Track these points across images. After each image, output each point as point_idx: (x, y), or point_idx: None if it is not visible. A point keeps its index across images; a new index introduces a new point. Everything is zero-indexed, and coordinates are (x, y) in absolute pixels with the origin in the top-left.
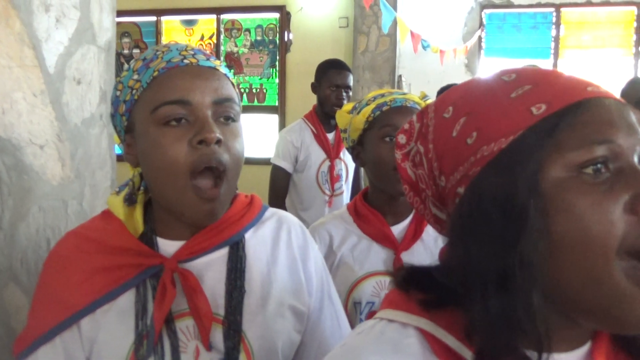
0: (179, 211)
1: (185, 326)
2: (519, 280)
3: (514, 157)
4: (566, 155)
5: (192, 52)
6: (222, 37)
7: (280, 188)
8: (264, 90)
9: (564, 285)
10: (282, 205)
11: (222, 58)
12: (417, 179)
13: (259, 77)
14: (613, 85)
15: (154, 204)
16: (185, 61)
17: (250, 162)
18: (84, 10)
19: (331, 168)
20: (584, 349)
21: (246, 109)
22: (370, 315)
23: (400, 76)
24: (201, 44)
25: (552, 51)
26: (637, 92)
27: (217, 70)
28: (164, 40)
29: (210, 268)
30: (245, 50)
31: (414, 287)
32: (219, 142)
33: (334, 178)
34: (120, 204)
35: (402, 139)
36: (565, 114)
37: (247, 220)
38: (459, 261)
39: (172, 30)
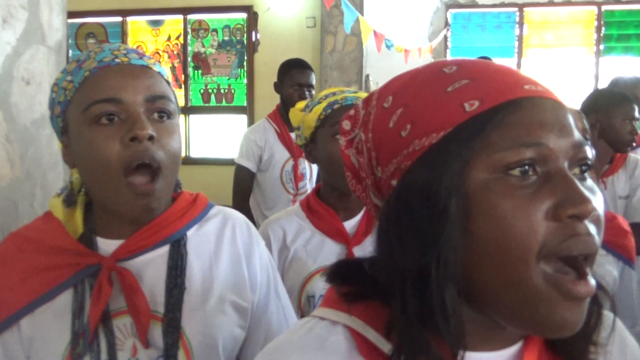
0: (115, 209)
1: (123, 324)
2: (435, 279)
3: (442, 153)
4: (493, 156)
5: (125, 52)
6: (189, 37)
7: (244, 187)
8: (232, 91)
9: (483, 286)
10: (246, 205)
11: (189, 59)
12: (359, 166)
13: (227, 78)
14: (576, 82)
15: (94, 204)
16: (117, 60)
17: (219, 162)
18: (32, 10)
19: (295, 167)
20: (515, 348)
21: (214, 110)
22: None
23: (367, 75)
24: (168, 45)
25: (516, 50)
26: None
27: (150, 68)
28: (130, 41)
29: (151, 266)
30: (213, 51)
31: (343, 280)
32: (152, 138)
33: (297, 177)
34: (59, 206)
35: (346, 125)
36: (497, 112)
37: (189, 218)
38: (383, 255)
39: (139, 30)
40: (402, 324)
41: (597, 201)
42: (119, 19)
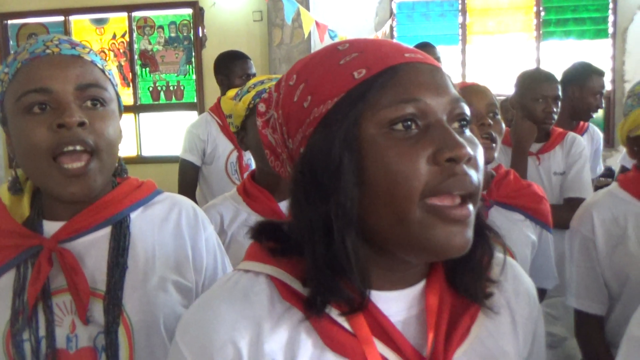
0: (50, 191)
1: (62, 302)
2: (336, 226)
3: (336, 116)
4: (379, 114)
5: (57, 42)
6: (135, 35)
7: (189, 181)
8: (182, 87)
9: (379, 226)
10: (192, 198)
11: (136, 57)
12: (275, 143)
13: (176, 75)
14: (518, 67)
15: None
16: (47, 51)
17: (171, 160)
18: None
19: (239, 158)
20: (418, 287)
21: (164, 107)
22: None
23: None
24: (114, 43)
25: (460, 37)
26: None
27: (81, 57)
28: None
29: (93, 246)
30: (160, 48)
31: (266, 238)
32: (82, 124)
33: (243, 168)
34: (5, 193)
35: (262, 107)
36: (381, 76)
37: (132, 200)
38: (294, 212)
39: (82, 30)
40: (314, 271)
41: (477, 151)
42: (61, 18)
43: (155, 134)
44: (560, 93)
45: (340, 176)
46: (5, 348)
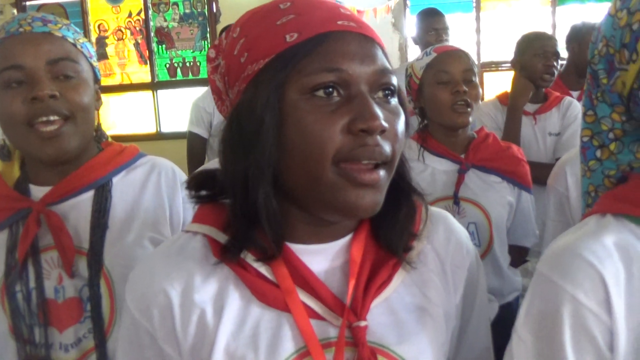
0: (30, 154)
1: (50, 257)
2: (251, 180)
3: (264, 76)
4: (302, 80)
5: (29, 21)
6: (150, 12)
7: (197, 153)
8: (198, 63)
9: (295, 185)
10: None
11: (152, 34)
12: (221, 90)
13: (192, 51)
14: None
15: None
16: (20, 29)
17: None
18: None
19: None
20: (344, 240)
21: (181, 84)
22: None
23: None
24: (130, 21)
25: (474, 4)
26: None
27: (51, 34)
28: (91, 19)
29: (78, 208)
30: (175, 24)
31: (198, 187)
32: (54, 97)
33: None
34: None
35: (212, 53)
36: (310, 43)
37: (114, 165)
38: (222, 163)
39: (98, 9)
40: (232, 219)
41: (397, 122)
42: None
43: (173, 111)
44: (558, 50)
45: (260, 135)
46: (1, 299)
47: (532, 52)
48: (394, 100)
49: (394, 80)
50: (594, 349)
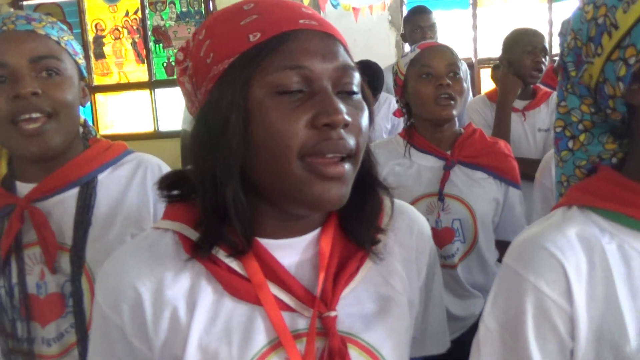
0: (14, 151)
1: (33, 253)
2: (219, 177)
3: (229, 76)
4: (266, 78)
5: (13, 19)
6: (147, 11)
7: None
8: None
9: (262, 180)
10: None
11: (149, 33)
12: (190, 91)
13: None
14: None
15: None
16: (4, 28)
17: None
18: None
19: None
20: (313, 234)
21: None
22: None
23: None
24: (127, 20)
25: (471, 1)
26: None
27: (34, 32)
28: (88, 19)
29: (62, 205)
30: (172, 23)
31: (170, 187)
32: (36, 94)
33: None
34: None
35: (180, 55)
36: (273, 41)
37: (100, 162)
38: (192, 162)
39: (95, 8)
40: (203, 216)
41: (360, 116)
42: None
43: (171, 109)
44: (546, 46)
45: (227, 134)
46: None
47: (520, 48)
48: (357, 96)
49: (356, 76)
50: (556, 337)
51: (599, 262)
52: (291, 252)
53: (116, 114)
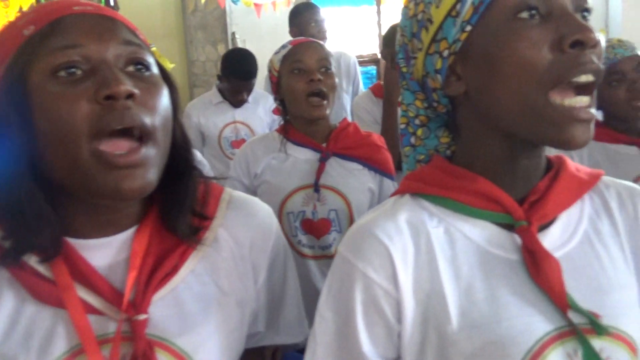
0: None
1: None
2: (11, 180)
3: (8, 71)
4: (42, 62)
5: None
6: None
7: None
8: None
9: (55, 173)
10: None
11: None
12: None
13: None
14: None
15: None
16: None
17: None
18: None
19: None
20: (128, 232)
21: None
22: None
23: (233, 33)
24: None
25: None
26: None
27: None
28: None
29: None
30: None
31: None
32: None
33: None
34: None
35: None
36: (47, 28)
37: None
38: None
39: None
40: (5, 223)
41: (154, 91)
42: None
43: None
44: None
45: (9, 129)
46: None
47: None
48: (149, 73)
49: (144, 53)
50: (383, 321)
51: (424, 246)
52: (105, 252)
53: None
